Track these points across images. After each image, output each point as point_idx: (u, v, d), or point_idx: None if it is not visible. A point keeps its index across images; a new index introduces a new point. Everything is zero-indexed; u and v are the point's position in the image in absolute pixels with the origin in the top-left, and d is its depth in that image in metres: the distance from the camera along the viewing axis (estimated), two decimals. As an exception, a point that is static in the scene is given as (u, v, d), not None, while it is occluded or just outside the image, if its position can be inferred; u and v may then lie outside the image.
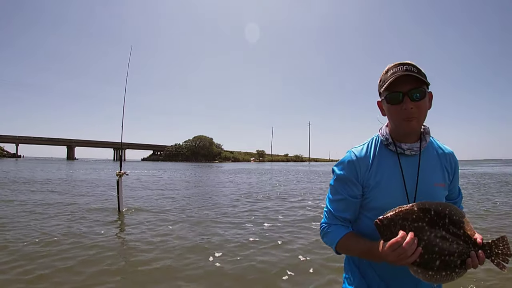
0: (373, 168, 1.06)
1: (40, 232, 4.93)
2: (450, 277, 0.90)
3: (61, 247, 4.18)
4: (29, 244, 4.28)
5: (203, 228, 5.53)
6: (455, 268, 0.91)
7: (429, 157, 1.09)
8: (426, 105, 1.02)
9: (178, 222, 6.00)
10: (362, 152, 1.09)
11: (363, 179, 1.06)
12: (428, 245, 0.88)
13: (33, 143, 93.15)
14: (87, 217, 6.25)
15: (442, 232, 0.90)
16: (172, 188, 12.51)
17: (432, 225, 0.89)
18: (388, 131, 1.10)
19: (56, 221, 5.78)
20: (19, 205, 7.56)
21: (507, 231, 5.22)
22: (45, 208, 7.20)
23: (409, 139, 1.06)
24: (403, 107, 0.99)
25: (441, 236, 0.89)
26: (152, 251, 4.16)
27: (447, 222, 0.91)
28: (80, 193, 10.16)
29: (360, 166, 1.07)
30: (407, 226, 0.87)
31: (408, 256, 0.84)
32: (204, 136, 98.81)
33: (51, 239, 4.55)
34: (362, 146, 1.12)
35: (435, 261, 0.89)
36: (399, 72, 0.98)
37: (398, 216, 0.88)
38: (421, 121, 1.03)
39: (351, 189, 1.07)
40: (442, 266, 0.89)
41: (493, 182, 15.54)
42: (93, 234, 4.93)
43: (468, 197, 9.53)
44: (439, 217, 0.90)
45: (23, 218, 6.02)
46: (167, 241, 4.62)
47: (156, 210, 7.29)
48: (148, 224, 5.73)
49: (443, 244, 0.89)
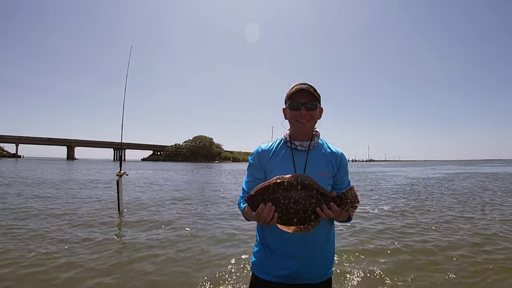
0: (273, 158, 1.46)
1: (40, 232, 4.95)
2: (307, 229, 1.23)
3: (61, 247, 4.19)
4: (28, 244, 4.29)
5: (203, 228, 5.54)
6: (311, 222, 1.23)
7: (317, 153, 1.46)
8: (316, 115, 1.44)
9: (178, 222, 6.01)
10: (267, 146, 1.50)
11: (265, 166, 1.46)
12: (283, 209, 1.21)
13: (33, 143, 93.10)
14: (87, 217, 6.26)
15: (295, 196, 1.21)
16: (172, 188, 12.52)
17: (285, 193, 1.21)
18: (288, 133, 1.50)
19: (56, 221, 5.79)
20: (20, 205, 7.57)
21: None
22: (45, 208, 7.22)
23: (302, 138, 1.46)
24: (300, 113, 1.41)
25: (294, 201, 1.21)
26: (152, 251, 4.17)
27: (299, 188, 1.22)
28: (80, 193, 10.16)
29: (263, 156, 1.47)
30: (266, 198, 1.21)
31: (269, 221, 1.20)
32: (204, 136, 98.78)
33: (51, 239, 4.56)
34: (268, 143, 1.52)
35: (293, 219, 1.22)
36: (300, 87, 1.39)
37: (258, 192, 1.22)
38: (311, 125, 1.44)
39: (257, 173, 1.47)
40: (300, 221, 1.22)
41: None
42: (93, 234, 4.93)
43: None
44: (291, 186, 1.22)
45: (23, 218, 6.04)
46: (167, 241, 4.63)
47: (156, 210, 7.30)
48: (148, 224, 5.74)
49: (296, 206, 1.21)
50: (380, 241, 4.68)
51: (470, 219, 6.30)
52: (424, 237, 4.90)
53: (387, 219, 6.36)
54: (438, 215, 6.76)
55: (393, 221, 6.10)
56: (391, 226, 5.63)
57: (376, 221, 6.11)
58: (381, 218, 6.39)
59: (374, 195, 10.69)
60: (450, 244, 4.49)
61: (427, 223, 5.87)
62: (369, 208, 7.71)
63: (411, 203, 8.53)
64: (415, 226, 5.62)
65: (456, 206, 7.96)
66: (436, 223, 5.91)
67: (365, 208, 7.62)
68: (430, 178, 20.20)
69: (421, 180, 18.34)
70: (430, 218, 6.38)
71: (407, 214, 6.87)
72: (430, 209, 7.50)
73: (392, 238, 4.82)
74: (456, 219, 6.25)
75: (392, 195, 10.52)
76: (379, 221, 6.13)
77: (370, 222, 6.00)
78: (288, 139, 1.47)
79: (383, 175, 23.77)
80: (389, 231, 5.27)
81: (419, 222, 5.96)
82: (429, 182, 16.33)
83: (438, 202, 8.81)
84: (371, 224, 5.83)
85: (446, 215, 6.69)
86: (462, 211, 7.19)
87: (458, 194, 10.76)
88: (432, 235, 4.98)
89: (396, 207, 7.86)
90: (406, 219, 6.35)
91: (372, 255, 4.05)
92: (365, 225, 5.66)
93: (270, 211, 1.19)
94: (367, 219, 6.28)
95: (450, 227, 5.59)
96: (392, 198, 9.85)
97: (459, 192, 11.24)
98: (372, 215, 6.71)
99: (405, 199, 9.56)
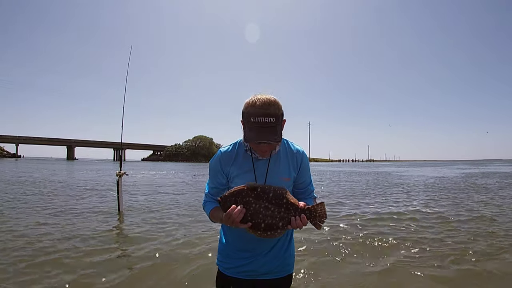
0: (234, 163, 1.45)
1: (40, 232, 4.95)
2: (273, 235, 1.29)
3: (61, 247, 4.19)
4: (28, 243, 4.29)
5: (203, 227, 5.53)
6: (277, 229, 1.29)
7: (279, 158, 1.46)
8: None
9: (178, 222, 6.00)
10: (228, 151, 1.48)
11: (227, 171, 1.46)
12: (253, 214, 1.26)
13: (33, 143, 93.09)
14: (87, 217, 6.25)
15: (266, 203, 1.27)
16: (172, 188, 12.51)
17: (257, 198, 1.27)
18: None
19: (56, 221, 5.78)
20: (19, 205, 7.57)
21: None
22: (45, 208, 7.21)
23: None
24: (259, 147, 1.36)
25: (264, 207, 1.27)
26: (151, 251, 4.16)
27: (271, 196, 1.27)
28: (80, 193, 10.15)
29: (224, 161, 1.46)
30: (239, 201, 1.26)
31: (237, 222, 1.23)
32: (204, 136, 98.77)
33: (51, 239, 4.56)
34: (229, 146, 1.49)
35: (260, 224, 1.27)
36: (261, 124, 1.27)
37: (231, 194, 1.27)
38: (272, 148, 1.40)
39: (219, 178, 1.48)
40: (267, 227, 1.27)
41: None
42: (93, 234, 4.93)
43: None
44: (264, 192, 1.27)
45: (22, 218, 6.04)
46: (167, 241, 4.63)
47: (156, 210, 7.29)
48: (148, 224, 5.74)
49: (265, 212, 1.27)
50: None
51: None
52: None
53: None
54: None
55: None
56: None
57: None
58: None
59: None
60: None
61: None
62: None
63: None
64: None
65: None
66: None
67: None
68: (461, 176, 20.22)
69: (465, 178, 18.44)
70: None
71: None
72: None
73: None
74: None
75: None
76: None
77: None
78: (248, 148, 1.44)
79: (414, 176, 22.82)
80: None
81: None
82: (478, 181, 16.39)
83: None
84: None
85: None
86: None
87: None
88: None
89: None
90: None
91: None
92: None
93: (241, 213, 1.23)
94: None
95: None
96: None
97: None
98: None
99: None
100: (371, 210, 7.42)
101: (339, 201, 8.99)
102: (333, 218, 6.29)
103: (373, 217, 6.52)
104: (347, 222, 5.93)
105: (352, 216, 6.67)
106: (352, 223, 5.87)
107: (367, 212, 7.21)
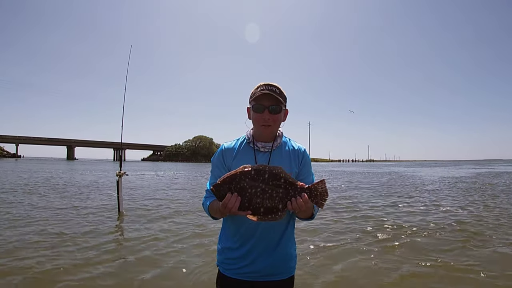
0: (236, 158, 1.45)
1: (40, 232, 4.94)
2: (274, 218, 1.22)
3: (61, 247, 4.18)
4: (27, 243, 4.28)
5: (202, 227, 5.52)
6: (278, 212, 1.22)
7: (280, 153, 1.47)
8: (281, 118, 1.44)
9: (178, 222, 6.00)
10: (231, 145, 1.49)
11: (229, 165, 1.44)
12: (250, 199, 1.19)
13: (33, 143, 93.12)
14: (87, 217, 6.25)
15: (262, 186, 1.20)
16: (172, 188, 12.50)
17: (252, 182, 1.19)
18: (251, 133, 1.49)
19: (56, 221, 5.77)
20: (19, 205, 7.56)
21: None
22: (45, 208, 7.20)
23: (265, 139, 1.46)
24: (263, 116, 1.39)
25: (261, 190, 1.20)
26: (152, 251, 4.15)
27: (266, 177, 1.20)
28: (80, 193, 10.14)
29: (227, 155, 1.47)
30: (233, 188, 1.19)
31: (234, 210, 1.19)
32: (204, 136, 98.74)
33: (51, 239, 4.55)
34: (232, 142, 1.51)
35: (259, 209, 1.20)
36: (265, 90, 1.37)
37: (224, 181, 1.20)
38: (275, 128, 1.44)
39: (221, 173, 1.40)
40: (266, 211, 1.21)
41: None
42: (93, 234, 4.92)
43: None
44: (258, 174, 1.20)
45: (22, 217, 6.03)
46: (167, 241, 4.61)
47: (156, 210, 7.28)
48: (148, 224, 5.73)
49: (263, 195, 1.20)
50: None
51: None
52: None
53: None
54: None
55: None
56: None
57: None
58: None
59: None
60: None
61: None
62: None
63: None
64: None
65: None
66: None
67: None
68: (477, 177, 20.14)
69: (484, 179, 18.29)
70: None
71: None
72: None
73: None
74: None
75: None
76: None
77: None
78: (251, 140, 1.47)
79: (427, 176, 22.39)
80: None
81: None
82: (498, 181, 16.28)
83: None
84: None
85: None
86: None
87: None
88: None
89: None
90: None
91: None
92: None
93: (236, 201, 1.19)
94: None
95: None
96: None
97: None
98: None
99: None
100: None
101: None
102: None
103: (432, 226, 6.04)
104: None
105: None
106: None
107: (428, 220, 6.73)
